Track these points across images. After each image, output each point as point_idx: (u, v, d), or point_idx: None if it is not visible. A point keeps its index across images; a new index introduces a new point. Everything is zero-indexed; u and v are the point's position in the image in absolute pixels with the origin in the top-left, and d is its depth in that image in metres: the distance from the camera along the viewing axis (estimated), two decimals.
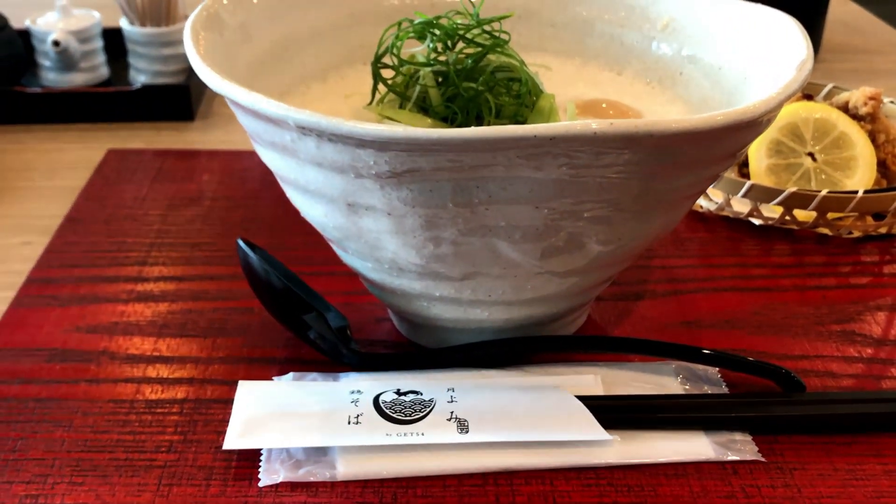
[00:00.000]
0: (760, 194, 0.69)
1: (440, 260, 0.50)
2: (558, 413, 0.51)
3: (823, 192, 0.67)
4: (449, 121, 0.54)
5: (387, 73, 0.57)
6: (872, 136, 0.74)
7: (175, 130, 0.90)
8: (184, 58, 0.95)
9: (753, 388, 0.55)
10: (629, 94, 0.62)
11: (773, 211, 0.71)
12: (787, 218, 0.70)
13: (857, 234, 0.70)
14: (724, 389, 0.55)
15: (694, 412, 0.53)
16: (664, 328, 0.61)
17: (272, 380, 0.55)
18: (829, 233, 0.70)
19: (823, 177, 0.72)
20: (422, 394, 0.53)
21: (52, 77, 0.95)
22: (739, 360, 0.55)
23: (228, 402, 0.54)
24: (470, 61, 0.53)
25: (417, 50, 0.55)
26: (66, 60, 0.93)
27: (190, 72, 0.95)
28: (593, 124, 0.41)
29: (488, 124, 0.53)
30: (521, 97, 0.53)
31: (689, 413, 0.53)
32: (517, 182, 0.45)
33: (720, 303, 0.64)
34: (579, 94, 0.62)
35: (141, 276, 0.66)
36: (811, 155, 0.72)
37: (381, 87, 0.57)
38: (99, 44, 0.96)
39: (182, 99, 0.91)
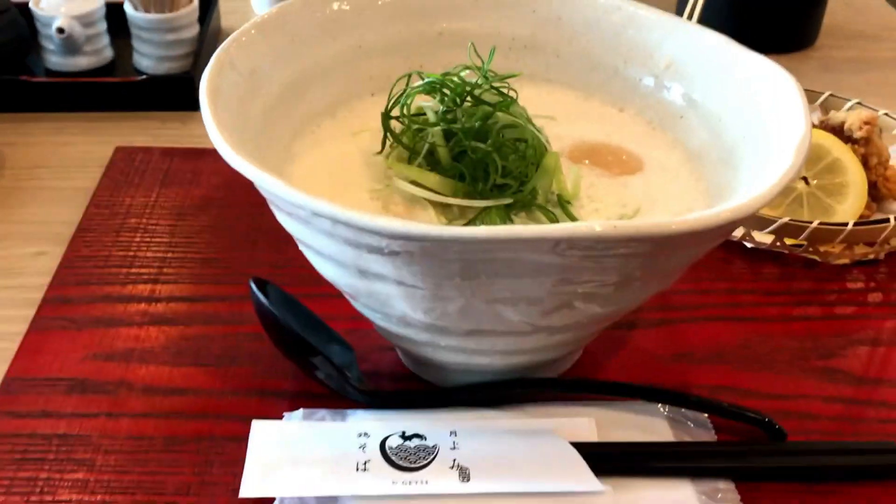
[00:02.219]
0: (753, 222, 0.71)
1: (446, 318, 0.52)
2: (555, 462, 0.55)
3: (815, 224, 0.69)
4: (457, 177, 0.56)
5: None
6: (865, 159, 0.76)
7: (180, 122, 0.91)
8: (188, 43, 0.96)
9: (739, 431, 0.59)
10: (630, 135, 0.64)
11: (765, 236, 0.73)
12: (778, 244, 0.72)
13: (845, 261, 0.73)
14: (711, 431, 0.58)
15: (681, 461, 0.56)
16: (656, 361, 0.64)
17: (283, 416, 0.58)
18: (819, 259, 0.73)
19: (815, 201, 0.74)
20: (425, 438, 0.56)
21: (55, 60, 0.95)
22: (725, 409, 0.58)
23: (242, 439, 0.57)
24: (478, 123, 0.55)
25: (427, 105, 0.57)
26: (70, 45, 0.93)
27: (195, 59, 0.95)
28: (597, 226, 0.44)
29: (494, 182, 0.55)
30: (527, 158, 0.55)
31: (677, 461, 0.56)
32: (523, 263, 0.47)
33: (710, 333, 0.67)
34: (582, 133, 0.64)
35: (154, 296, 0.68)
36: (804, 179, 0.74)
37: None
38: (103, 27, 0.96)
39: (187, 89, 0.91)
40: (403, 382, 0.62)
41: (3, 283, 0.70)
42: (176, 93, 0.92)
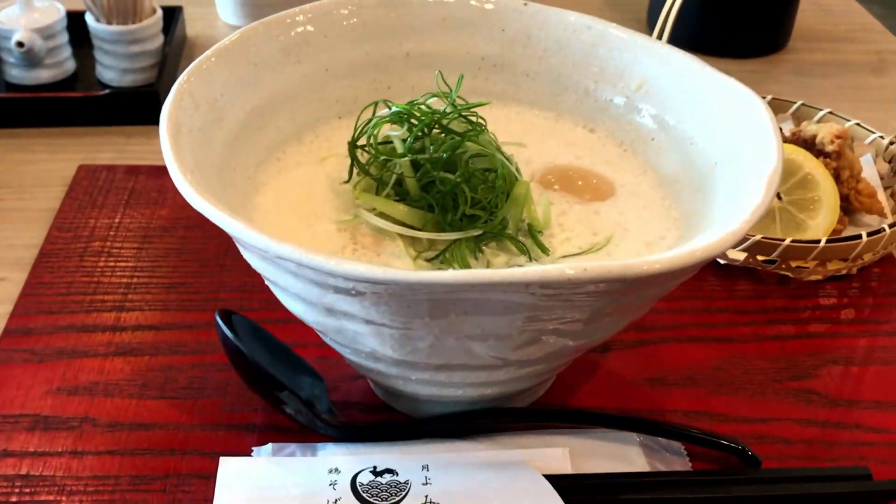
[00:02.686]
0: None
1: (416, 354, 0.51)
2: (528, 496, 0.54)
3: (787, 242, 0.69)
4: (426, 207, 0.55)
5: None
6: (837, 173, 0.76)
7: (144, 136, 0.89)
8: (152, 54, 0.94)
9: (713, 458, 0.58)
10: (602, 158, 0.63)
11: (738, 253, 0.72)
12: (751, 260, 0.72)
13: (818, 277, 0.72)
14: (686, 459, 0.58)
15: (654, 491, 0.55)
16: (630, 386, 0.64)
17: (251, 452, 0.57)
18: (792, 275, 0.73)
19: (787, 217, 0.73)
20: (397, 474, 0.55)
21: (15, 73, 0.93)
22: (698, 438, 0.58)
23: (210, 477, 0.56)
24: (445, 154, 0.54)
25: (394, 134, 0.55)
26: (30, 58, 0.91)
27: (160, 69, 0.93)
28: (568, 270, 0.43)
29: (463, 213, 0.54)
30: (496, 188, 0.54)
31: (650, 492, 0.55)
32: (493, 303, 0.46)
33: (684, 355, 0.66)
34: (553, 156, 0.63)
35: (118, 325, 0.67)
36: (777, 195, 0.74)
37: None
38: (64, 38, 0.94)
39: (151, 103, 0.90)
40: (375, 413, 0.61)
41: None
42: (140, 107, 0.90)
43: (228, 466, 0.56)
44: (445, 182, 0.54)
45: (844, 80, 1.05)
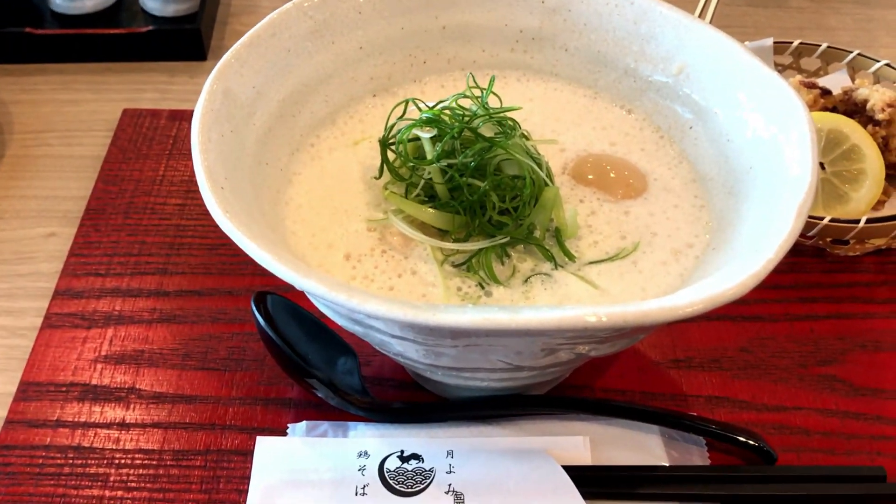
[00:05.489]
0: None
1: (442, 360, 0.53)
2: (546, 487, 0.56)
3: (825, 221, 0.68)
4: (454, 210, 0.55)
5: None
6: (886, 141, 0.74)
7: (187, 74, 0.90)
8: None
9: (732, 450, 0.60)
10: (637, 144, 0.62)
11: None
12: None
13: (856, 252, 0.72)
14: (704, 450, 0.60)
15: (670, 486, 0.58)
16: (655, 368, 0.65)
17: (286, 430, 0.60)
18: (829, 249, 0.72)
19: (830, 188, 0.72)
20: (423, 460, 0.58)
21: (60, 2, 0.92)
22: (718, 433, 0.59)
23: (247, 453, 0.59)
24: (472, 163, 0.53)
25: (424, 136, 0.55)
26: None
27: (202, 3, 0.92)
28: (588, 317, 0.43)
29: (489, 219, 0.54)
30: (524, 196, 0.54)
31: (666, 487, 0.58)
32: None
33: (711, 335, 0.67)
34: (587, 141, 0.62)
35: (162, 290, 0.69)
36: (821, 164, 0.72)
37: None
38: None
39: (193, 40, 0.89)
40: (405, 390, 0.64)
41: (18, 269, 0.71)
42: (182, 43, 0.90)
43: (264, 446, 0.59)
44: (473, 189, 0.54)
45: None
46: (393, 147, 0.57)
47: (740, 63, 0.58)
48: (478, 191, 0.54)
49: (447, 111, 0.55)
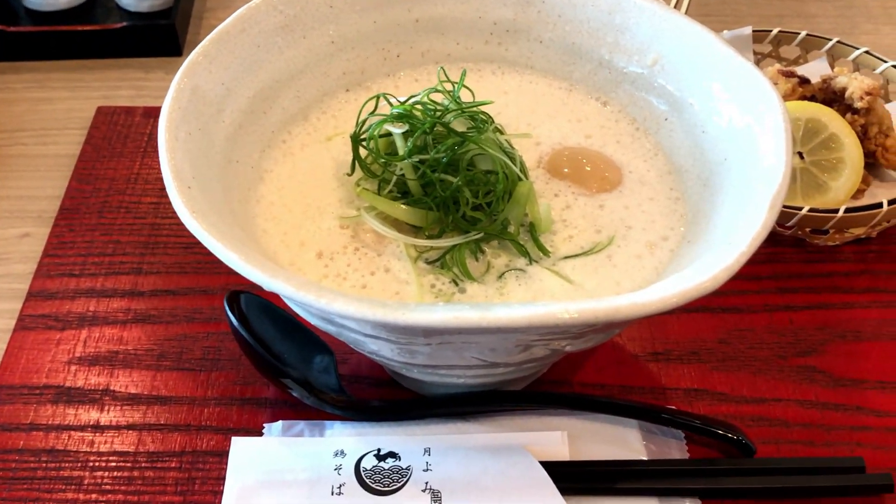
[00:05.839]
0: None
1: (416, 358, 0.53)
2: (524, 484, 0.56)
3: (803, 211, 0.68)
4: (426, 207, 0.54)
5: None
6: (864, 129, 0.73)
7: (163, 70, 0.89)
8: None
9: (710, 443, 0.59)
10: (613, 137, 0.62)
11: None
12: None
13: (835, 242, 0.71)
14: (683, 443, 0.59)
15: (649, 480, 0.57)
16: (634, 361, 0.65)
17: (262, 431, 0.60)
18: (808, 240, 0.72)
19: (809, 177, 0.72)
20: (400, 458, 0.57)
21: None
22: (697, 427, 0.59)
23: (222, 454, 0.59)
24: (444, 158, 0.53)
25: (396, 132, 0.54)
26: None
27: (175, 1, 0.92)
28: (562, 313, 0.43)
29: (463, 215, 0.54)
30: (497, 191, 0.54)
31: (645, 481, 0.57)
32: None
33: (690, 327, 0.66)
34: (562, 134, 0.62)
35: (136, 290, 0.68)
36: (799, 154, 0.72)
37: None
38: None
39: (168, 36, 0.89)
40: (382, 388, 0.63)
41: None
42: (157, 40, 0.89)
43: (240, 446, 0.58)
44: (446, 185, 0.53)
45: None
46: (364, 143, 0.56)
47: (715, 53, 0.58)
48: (450, 186, 0.53)
49: (419, 106, 0.55)
